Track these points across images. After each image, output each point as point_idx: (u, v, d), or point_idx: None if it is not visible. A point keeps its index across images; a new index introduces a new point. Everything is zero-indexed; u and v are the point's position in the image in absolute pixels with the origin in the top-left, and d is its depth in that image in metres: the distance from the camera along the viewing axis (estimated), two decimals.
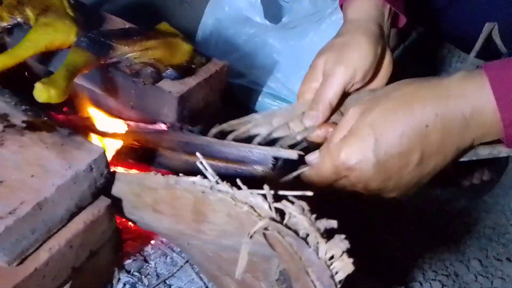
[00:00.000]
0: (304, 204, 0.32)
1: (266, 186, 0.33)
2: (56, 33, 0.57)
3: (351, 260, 0.29)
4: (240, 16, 0.89)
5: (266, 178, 0.52)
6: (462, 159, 0.51)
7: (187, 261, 0.60)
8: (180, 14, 1.30)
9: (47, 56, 0.64)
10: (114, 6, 1.26)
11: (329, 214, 0.36)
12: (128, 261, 0.59)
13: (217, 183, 0.40)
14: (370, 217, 0.82)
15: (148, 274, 0.59)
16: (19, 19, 0.62)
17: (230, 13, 0.89)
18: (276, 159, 0.53)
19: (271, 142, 0.56)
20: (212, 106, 0.69)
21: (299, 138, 0.54)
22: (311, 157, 0.51)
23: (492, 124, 0.44)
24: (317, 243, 0.31)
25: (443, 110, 0.44)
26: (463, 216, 0.87)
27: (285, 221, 0.33)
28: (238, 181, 0.37)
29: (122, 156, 0.62)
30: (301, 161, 0.52)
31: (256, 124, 0.55)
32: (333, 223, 0.30)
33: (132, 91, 0.61)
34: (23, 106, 0.51)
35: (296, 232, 0.32)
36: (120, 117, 0.64)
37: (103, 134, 0.62)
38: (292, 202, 0.32)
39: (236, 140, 0.56)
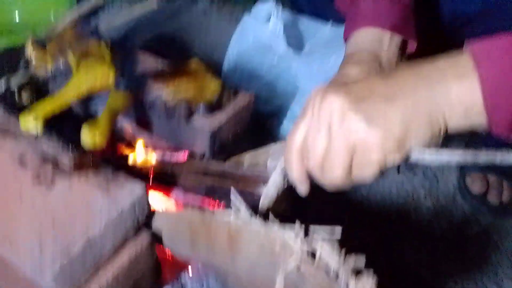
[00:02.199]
0: (334, 241, 0.34)
1: (297, 222, 0.36)
2: (96, 77, 0.62)
3: None
4: (264, 46, 0.92)
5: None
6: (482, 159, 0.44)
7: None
8: (204, 42, 1.35)
9: (88, 98, 0.69)
10: (143, 37, 1.33)
11: (355, 235, 0.38)
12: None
13: (251, 217, 0.43)
14: (397, 236, 0.83)
15: None
16: (62, 64, 0.67)
17: (254, 43, 0.93)
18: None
19: None
20: (240, 135, 0.73)
21: None
22: None
23: (460, 59, 0.40)
24: (348, 280, 0.33)
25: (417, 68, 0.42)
26: (492, 233, 0.87)
27: (316, 258, 0.36)
28: (271, 215, 0.40)
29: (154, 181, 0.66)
30: None
31: (274, 154, 0.57)
32: (361, 262, 0.33)
33: (166, 127, 0.65)
34: (69, 148, 0.55)
35: (327, 268, 0.35)
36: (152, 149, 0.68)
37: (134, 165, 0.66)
38: (323, 239, 0.35)
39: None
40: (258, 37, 0.92)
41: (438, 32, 0.95)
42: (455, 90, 0.39)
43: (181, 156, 0.61)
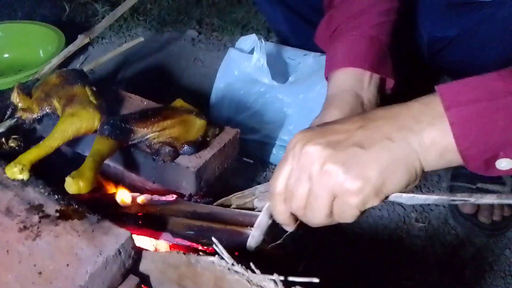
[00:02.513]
0: None
1: (275, 274, 0.37)
2: (81, 122, 0.63)
3: None
4: (249, 78, 0.94)
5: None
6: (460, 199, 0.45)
7: None
8: (193, 71, 1.37)
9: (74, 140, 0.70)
10: (131, 71, 1.35)
11: (348, 265, 0.38)
12: None
13: (233, 265, 0.43)
14: (391, 264, 0.83)
15: None
16: (47, 110, 0.68)
17: (239, 76, 0.94)
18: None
19: None
20: (227, 170, 0.74)
21: None
22: None
23: (431, 103, 0.42)
24: None
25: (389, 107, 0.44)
26: (486, 254, 0.87)
27: None
28: (252, 265, 0.41)
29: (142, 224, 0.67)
30: None
31: (260, 196, 0.59)
32: None
33: (152, 168, 0.66)
34: (55, 196, 0.56)
35: None
36: (140, 191, 0.69)
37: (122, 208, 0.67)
38: None
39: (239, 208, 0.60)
40: (243, 70, 0.94)
41: (418, 56, 0.98)
42: (428, 135, 0.41)
43: (169, 198, 0.61)
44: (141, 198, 0.63)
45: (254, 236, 0.53)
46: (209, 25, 1.57)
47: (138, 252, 0.53)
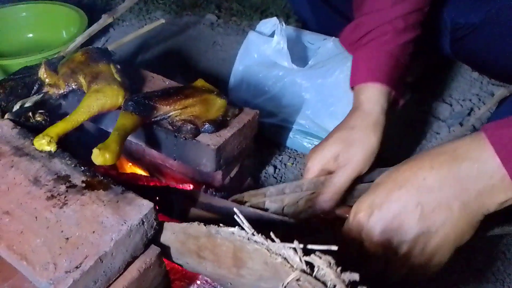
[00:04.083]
0: (330, 258, 0.36)
1: (296, 241, 0.38)
2: (106, 98, 0.65)
3: None
4: (269, 61, 0.95)
5: None
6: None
7: None
8: (212, 55, 1.38)
9: (98, 116, 0.72)
10: (151, 54, 1.36)
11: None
12: None
13: (253, 234, 0.45)
14: None
15: None
16: (73, 86, 0.70)
17: (259, 59, 0.95)
18: None
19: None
20: (245, 150, 0.75)
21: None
22: None
23: (494, 173, 0.44)
24: None
25: (439, 164, 0.46)
26: (498, 242, 0.87)
27: (314, 273, 0.37)
28: (272, 234, 0.42)
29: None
30: None
31: (270, 197, 0.64)
32: (356, 276, 0.34)
33: (174, 145, 0.68)
34: (81, 167, 0.58)
35: (324, 283, 0.37)
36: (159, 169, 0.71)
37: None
38: (320, 257, 0.37)
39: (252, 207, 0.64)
40: (262, 53, 0.94)
41: (441, 43, 0.97)
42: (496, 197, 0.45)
43: (186, 187, 0.64)
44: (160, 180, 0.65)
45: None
46: (228, 10, 1.58)
47: (160, 223, 0.55)
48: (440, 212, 0.45)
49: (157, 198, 0.64)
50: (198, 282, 0.68)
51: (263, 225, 0.58)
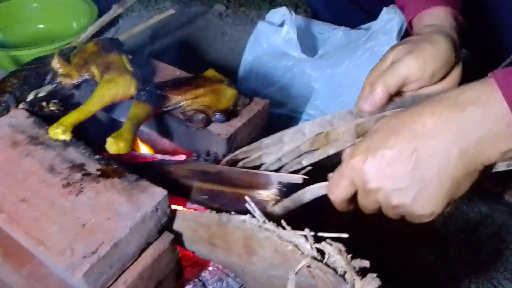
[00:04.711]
0: (341, 245, 0.37)
1: (306, 229, 0.39)
2: (118, 88, 0.66)
3: None
4: (278, 51, 0.95)
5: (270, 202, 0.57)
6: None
7: (241, 286, 0.66)
8: (221, 45, 1.39)
9: (111, 106, 0.73)
10: (160, 44, 1.37)
11: (369, 238, 0.41)
12: (188, 286, 0.66)
13: (264, 222, 0.46)
14: (411, 237, 0.84)
15: None
16: (86, 76, 0.71)
17: (268, 49, 0.96)
18: (281, 183, 0.57)
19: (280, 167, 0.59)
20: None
21: (305, 163, 0.57)
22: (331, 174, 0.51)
23: (499, 119, 0.40)
24: (353, 280, 0.36)
25: (440, 109, 0.42)
26: (505, 233, 0.87)
27: (325, 260, 0.38)
28: (283, 222, 0.43)
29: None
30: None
31: (266, 150, 0.59)
32: (366, 263, 0.35)
33: (185, 134, 0.68)
34: (96, 156, 0.59)
35: (335, 270, 0.37)
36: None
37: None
38: (330, 244, 0.37)
39: (246, 166, 0.61)
40: (272, 43, 0.95)
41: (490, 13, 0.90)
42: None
43: (178, 158, 0.64)
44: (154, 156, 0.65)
45: (284, 205, 0.55)
46: (237, 0, 1.58)
47: (173, 211, 0.56)
48: (436, 159, 0.42)
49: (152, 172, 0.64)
50: (210, 268, 0.69)
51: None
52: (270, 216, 0.46)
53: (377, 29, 0.89)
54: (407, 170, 0.43)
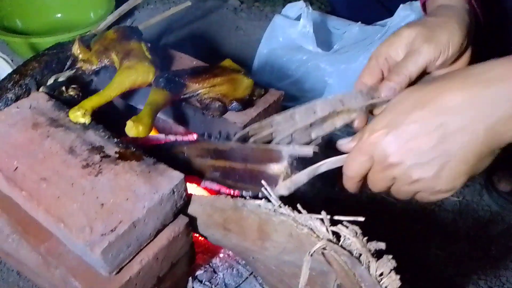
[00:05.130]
0: (356, 228, 0.38)
1: (323, 212, 0.40)
2: (137, 75, 0.67)
3: (398, 276, 0.34)
4: (293, 45, 0.96)
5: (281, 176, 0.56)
6: None
7: (251, 273, 0.67)
8: (235, 39, 1.40)
9: (128, 93, 0.74)
10: (174, 37, 1.38)
11: (380, 233, 0.42)
12: (199, 272, 0.67)
13: (280, 207, 0.47)
14: (421, 234, 0.85)
15: (218, 284, 0.66)
16: (106, 62, 0.72)
17: (283, 42, 0.96)
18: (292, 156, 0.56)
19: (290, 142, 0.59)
20: None
21: (314, 136, 0.58)
22: (343, 141, 0.51)
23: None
24: (369, 262, 0.36)
25: (468, 86, 0.43)
26: None
27: (340, 243, 0.39)
28: (299, 206, 0.44)
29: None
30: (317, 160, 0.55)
31: (278, 127, 0.59)
32: (382, 245, 0.36)
33: (201, 122, 0.70)
34: (115, 139, 0.60)
35: (350, 252, 0.38)
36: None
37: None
38: (347, 227, 0.38)
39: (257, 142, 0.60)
40: (288, 37, 0.95)
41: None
42: None
43: (191, 137, 0.65)
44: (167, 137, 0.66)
45: (297, 179, 0.54)
46: None
47: (188, 194, 0.57)
48: (462, 135, 0.42)
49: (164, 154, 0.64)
50: (221, 255, 0.70)
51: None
52: (283, 198, 0.47)
53: (393, 25, 0.89)
54: (431, 144, 0.43)
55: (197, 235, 0.63)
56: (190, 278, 0.65)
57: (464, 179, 0.44)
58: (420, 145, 0.43)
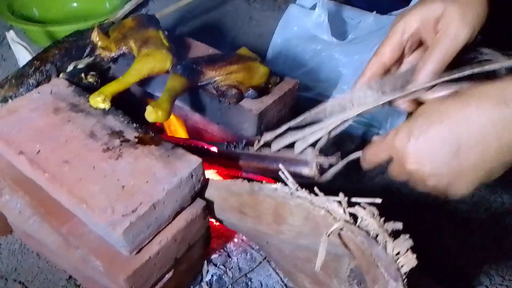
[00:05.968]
0: (374, 209, 0.39)
1: (341, 194, 0.40)
2: (155, 62, 0.68)
3: (415, 255, 0.35)
4: (308, 34, 0.96)
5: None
6: None
7: (265, 258, 0.68)
8: (248, 30, 1.40)
9: (146, 80, 0.75)
10: (188, 27, 1.39)
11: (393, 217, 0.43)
12: (214, 256, 0.69)
13: (297, 190, 0.48)
14: (435, 224, 0.85)
15: (232, 267, 0.68)
16: (124, 50, 0.74)
17: (298, 32, 0.97)
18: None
19: None
20: (284, 118, 0.77)
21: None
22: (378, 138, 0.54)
23: None
24: (385, 241, 0.37)
25: (485, 104, 0.44)
26: None
27: (357, 224, 0.40)
28: (316, 189, 0.45)
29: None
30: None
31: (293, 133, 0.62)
32: (399, 225, 0.37)
33: (218, 110, 0.71)
34: (134, 124, 0.62)
35: (367, 233, 0.39)
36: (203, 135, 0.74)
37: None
38: (364, 208, 0.39)
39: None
40: (302, 26, 0.96)
41: None
42: None
43: (211, 147, 0.67)
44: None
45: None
46: None
47: (206, 179, 0.59)
48: (476, 151, 0.44)
49: None
50: (235, 240, 0.72)
51: None
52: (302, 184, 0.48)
53: None
54: (447, 159, 0.45)
55: (213, 220, 0.65)
56: (205, 261, 0.66)
57: (474, 187, 0.47)
58: (437, 157, 0.46)
